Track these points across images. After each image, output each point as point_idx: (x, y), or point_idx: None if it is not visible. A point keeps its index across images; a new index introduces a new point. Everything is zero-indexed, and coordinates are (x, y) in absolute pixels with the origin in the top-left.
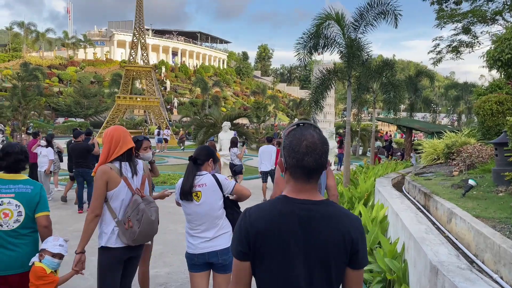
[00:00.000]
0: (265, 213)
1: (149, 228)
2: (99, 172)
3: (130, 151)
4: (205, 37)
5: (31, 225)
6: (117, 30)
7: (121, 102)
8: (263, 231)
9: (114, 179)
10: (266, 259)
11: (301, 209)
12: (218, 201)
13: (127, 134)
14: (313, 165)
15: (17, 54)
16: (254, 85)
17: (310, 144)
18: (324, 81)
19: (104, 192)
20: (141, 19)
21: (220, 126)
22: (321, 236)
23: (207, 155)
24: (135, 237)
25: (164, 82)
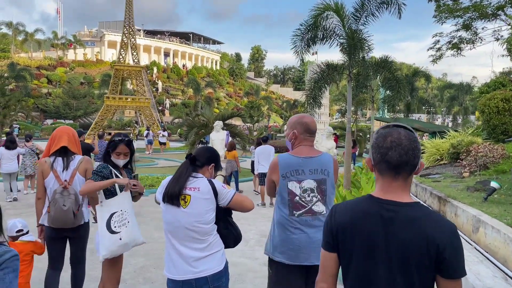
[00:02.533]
0: (350, 210)
1: (62, 215)
2: (39, 164)
3: (62, 148)
4: (198, 38)
5: None
6: (107, 30)
7: (110, 103)
8: (346, 227)
9: (46, 170)
10: (350, 255)
11: (385, 209)
12: (210, 212)
13: (65, 134)
14: (397, 160)
15: (5, 55)
16: (248, 86)
17: (395, 139)
18: (323, 77)
19: (41, 180)
20: (131, 18)
21: (212, 126)
22: (402, 239)
23: (210, 159)
24: (51, 221)
25: (156, 83)
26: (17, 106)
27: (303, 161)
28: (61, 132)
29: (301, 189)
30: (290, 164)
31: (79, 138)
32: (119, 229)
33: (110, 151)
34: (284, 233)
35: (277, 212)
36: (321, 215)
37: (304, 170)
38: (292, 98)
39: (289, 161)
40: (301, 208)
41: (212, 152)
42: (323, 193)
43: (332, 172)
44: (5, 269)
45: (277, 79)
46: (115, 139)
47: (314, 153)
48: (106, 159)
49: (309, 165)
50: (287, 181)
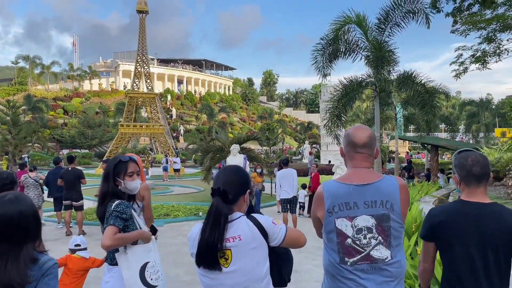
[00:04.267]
0: (446, 210)
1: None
2: None
3: None
4: (210, 65)
5: None
6: (122, 60)
7: (124, 131)
8: (443, 222)
9: None
10: (450, 244)
11: (473, 208)
12: (262, 264)
13: None
14: (479, 172)
15: (23, 88)
16: (261, 110)
17: (475, 158)
18: (347, 93)
19: None
20: (144, 48)
21: (228, 151)
22: (490, 229)
23: (244, 185)
24: None
25: (170, 110)
26: (33, 137)
27: (356, 190)
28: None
29: (354, 229)
30: (337, 194)
31: (57, 164)
32: (156, 282)
33: (116, 177)
34: (335, 284)
35: (325, 257)
36: (385, 263)
37: (357, 203)
38: (305, 120)
39: (336, 190)
40: (356, 254)
41: (242, 175)
42: (386, 233)
43: (398, 204)
44: (49, 275)
45: (290, 102)
46: (122, 160)
47: (371, 178)
48: (115, 190)
49: (364, 195)
50: (335, 217)
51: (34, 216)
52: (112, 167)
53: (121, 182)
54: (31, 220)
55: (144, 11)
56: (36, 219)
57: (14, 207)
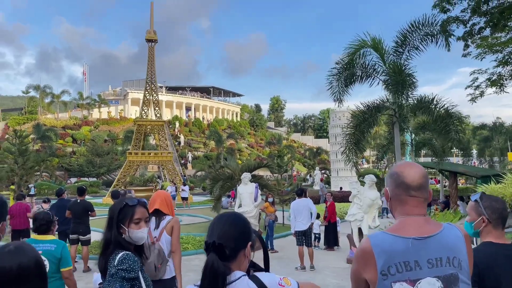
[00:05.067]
0: (488, 254)
1: (146, 267)
2: None
3: (155, 210)
4: (218, 91)
5: (54, 275)
6: (131, 88)
7: (132, 158)
8: (490, 268)
9: None
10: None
11: (505, 249)
12: None
13: (158, 198)
14: (507, 216)
15: (33, 117)
16: (269, 136)
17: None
18: (365, 119)
19: None
20: (153, 76)
21: (238, 179)
22: None
23: (243, 238)
24: None
25: (178, 137)
26: (41, 166)
27: (416, 245)
28: (157, 196)
29: None
30: (393, 251)
31: (59, 196)
32: None
33: (121, 224)
34: None
35: None
36: None
37: (419, 262)
38: (314, 146)
39: (390, 246)
40: None
41: (241, 224)
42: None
43: (466, 260)
44: None
45: (297, 127)
46: (127, 203)
47: (431, 229)
48: (118, 239)
49: (426, 251)
50: (391, 281)
51: (37, 268)
52: (117, 211)
53: (126, 230)
54: (32, 273)
55: (153, 40)
56: (39, 272)
57: (13, 259)
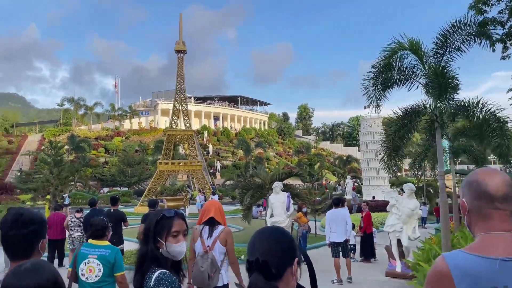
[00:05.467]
0: None
1: (199, 275)
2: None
3: (210, 219)
4: (246, 101)
5: (107, 280)
6: (161, 99)
7: (163, 168)
8: None
9: (196, 237)
10: None
11: None
12: None
13: (212, 207)
14: None
15: (67, 128)
16: (297, 145)
17: None
18: (405, 124)
19: (192, 245)
20: (182, 87)
21: (269, 188)
22: None
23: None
24: (192, 280)
25: (207, 146)
26: (75, 176)
27: (505, 267)
28: (210, 204)
29: None
30: (476, 274)
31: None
32: None
33: (158, 237)
34: None
35: None
36: None
37: (509, 287)
38: (343, 154)
39: (472, 268)
40: None
41: (286, 239)
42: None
43: None
44: None
45: (326, 136)
46: (164, 215)
47: None
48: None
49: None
50: None
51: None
52: (154, 223)
53: (163, 244)
54: None
55: (182, 50)
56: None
57: (30, 278)
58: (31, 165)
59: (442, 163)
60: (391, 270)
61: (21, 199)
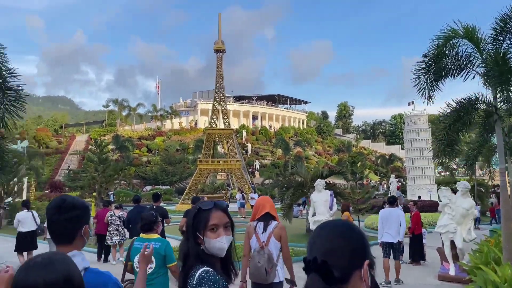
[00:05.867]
0: None
1: (256, 271)
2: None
3: (265, 214)
4: (284, 99)
5: (159, 271)
6: (200, 99)
7: (203, 167)
8: None
9: (251, 232)
10: None
11: None
12: None
13: (267, 202)
14: None
15: (112, 129)
16: (337, 143)
17: None
18: (460, 117)
19: (247, 240)
20: (222, 87)
21: (310, 186)
22: None
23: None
24: (250, 275)
25: (246, 145)
26: (120, 174)
27: None
28: (265, 200)
29: None
30: None
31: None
32: None
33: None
34: None
35: None
36: None
37: None
38: (385, 152)
39: None
40: None
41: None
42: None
43: None
44: None
45: (367, 134)
46: (200, 207)
47: None
48: (196, 251)
49: None
50: None
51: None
52: (192, 217)
53: (202, 240)
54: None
55: (221, 50)
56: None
57: (39, 274)
58: (79, 164)
59: (503, 159)
60: (444, 273)
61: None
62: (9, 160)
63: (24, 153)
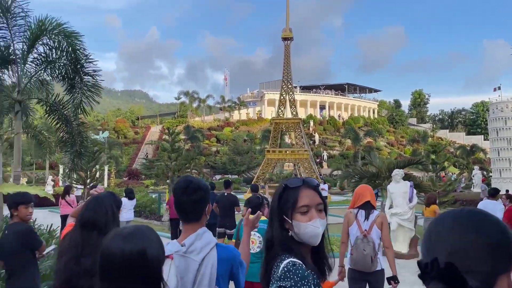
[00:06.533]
0: None
1: (361, 259)
2: (345, 214)
3: (366, 203)
4: (353, 88)
5: None
6: (267, 90)
7: (270, 156)
8: None
9: (351, 220)
10: None
11: None
12: None
13: (368, 191)
14: None
15: (183, 120)
16: (410, 134)
17: None
18: None
19: (346, 227)
20: (289, 74)
21: (385, 177)
22: None
23: (500, 254)
24: (353, 263)
25: (313, 135)
26: (191, 163)
27: None
28: (365, 188)
29: None
30: None
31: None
32: None
33: (284, 215)
34: None
35: None
36: None
37: None
38: (465, 143)
39: None
40: None
41: (497, 230)
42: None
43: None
44: None
45: (444, 124)
46: (287, 185)
47: None
48: (282, 237)
49: None
50: None
51: (140, 257)
52: (277, 198)
53: (290, 224)
54: (135, 264)
55: (289, 38)
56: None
57: (117, 245)
58: (153, 153)
59: None
60: None
61: (145, 184)
62: (90, 146)
63: (105, 142)
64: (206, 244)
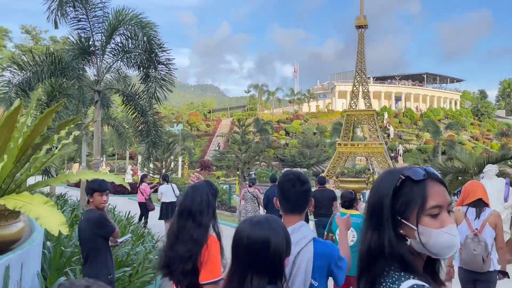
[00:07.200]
0: None
1: (471, 258)
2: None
3: (477, 200)
4: (433, 78)
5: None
6: (338, 81)
7: (342, 150)
8: None
9: (460, 218)
10: None
11: None
12: None
13: (479, 188)
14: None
15: (253, 113)
16: (498, 127)
17: None
18: None
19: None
20: (363, 64)
21: (472, 173)
22: None
23: None
24: (463, 263)
25: (387, 128)
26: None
27: None
28: (475, 185)
29: None
30: None
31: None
32: None
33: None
34: None
35: None
36: None
37: None
38: None
39: None
40: None
41: None
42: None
43: None
44: None
45: None
46: (408, 176)
47: None
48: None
49: None
50: None
51: (263, 244)
52: (391, 194)
53: (414, 231)
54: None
55: (363, 25)
56: (264, 252)
57: (247, 231)
58: (224, 145)
59: None
60: None
61: (216, 175)
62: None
63: (179, 134)
64: (303, 237)
